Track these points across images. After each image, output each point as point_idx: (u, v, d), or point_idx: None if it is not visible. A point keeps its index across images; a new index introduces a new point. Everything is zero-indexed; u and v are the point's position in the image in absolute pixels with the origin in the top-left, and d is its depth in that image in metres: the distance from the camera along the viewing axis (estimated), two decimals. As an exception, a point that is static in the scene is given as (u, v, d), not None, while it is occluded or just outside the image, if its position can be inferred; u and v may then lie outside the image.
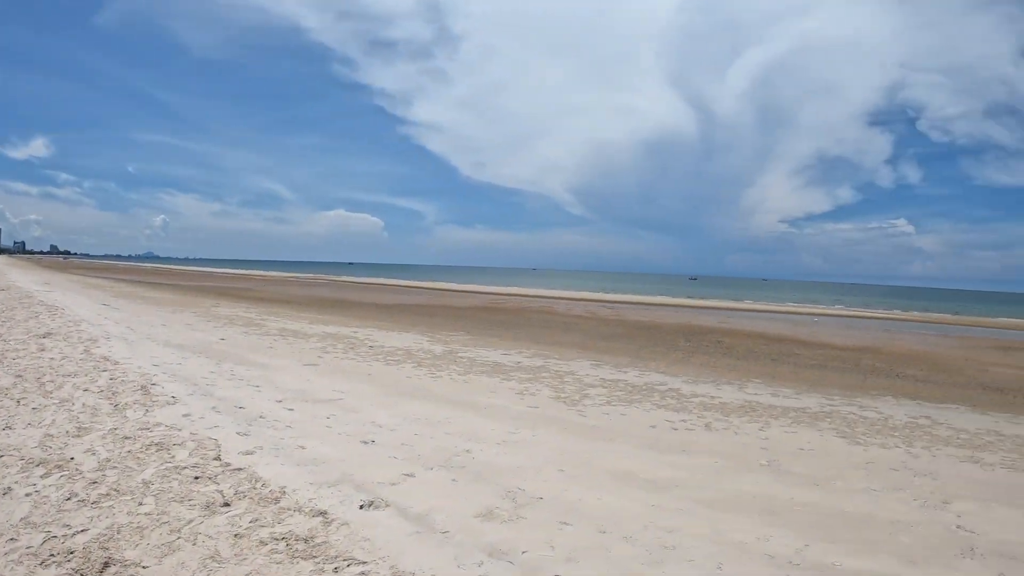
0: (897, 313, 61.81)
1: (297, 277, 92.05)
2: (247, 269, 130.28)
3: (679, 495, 6.65)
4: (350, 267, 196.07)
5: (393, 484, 6.31)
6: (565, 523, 5.59)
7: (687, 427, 10.09)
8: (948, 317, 59.70)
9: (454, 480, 6.59)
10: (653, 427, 9.95)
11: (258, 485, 5.96)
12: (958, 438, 10.73)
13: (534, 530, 5.40)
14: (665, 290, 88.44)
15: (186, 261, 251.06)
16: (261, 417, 8.69)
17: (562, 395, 12.05)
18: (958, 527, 6.32)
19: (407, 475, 6.63)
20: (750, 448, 9.00)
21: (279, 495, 5.74)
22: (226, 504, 5.46)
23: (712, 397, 12.84)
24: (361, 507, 5.61)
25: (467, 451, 7.74)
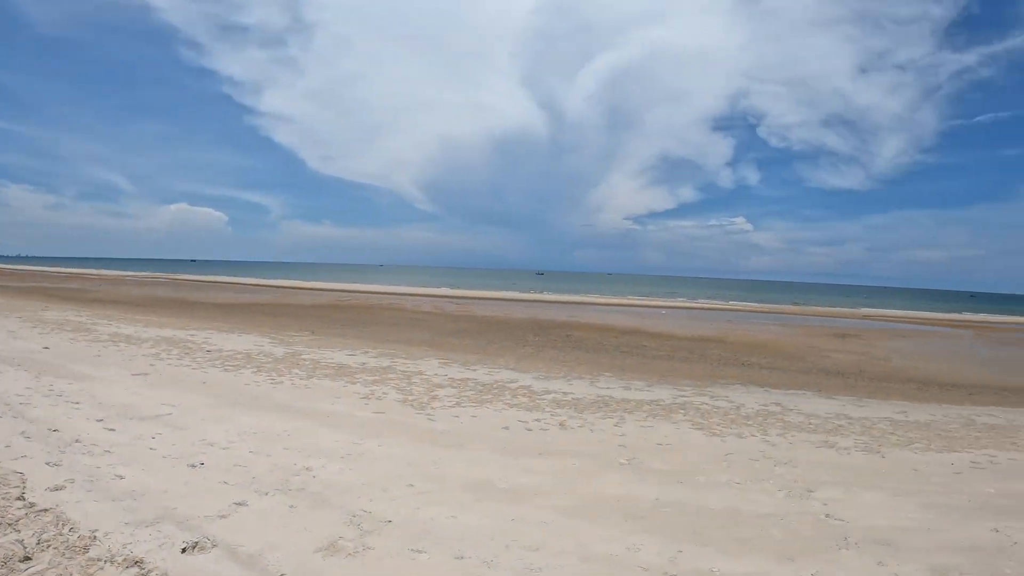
0: (738, 304, 65.85)
1: (136, 276, 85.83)
2: (83, 267, 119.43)
3: (539, 504, 6.21)
4: (192, 264, 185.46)
5: (222, 517, 5.45)
6: (418, 550, 4.98)
7: (541, 427, 9.76)
8: (789, 307, 64.21)
9: (292, 507, 5.81)
10: (506, 428, 9.54)
11: (65, 530, 4.93)
12: (810, 423, 11.07)
13: (383, 562, 4.75)
14: (513, 285, 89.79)
15: (17, 259, 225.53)
16: (77, 441, 7.49)
17: (410, 397, 11.45)
18: (827, 516, 6.28)
19: (239, 504, 5.78)
20: (608, 446, 8.76)
21: (89, 542, 4.75)
22: (26, 558, 4.44)
23: (564, 393, 12.66)
24: (184, 550, 4.73)
25: (307, 469, 6.96)
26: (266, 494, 6.11)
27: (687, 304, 61.47)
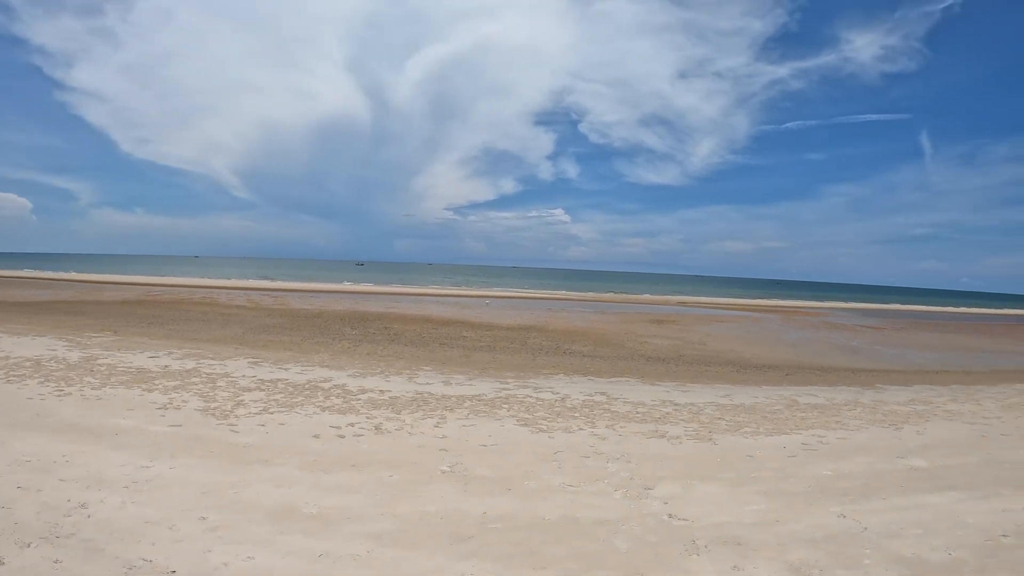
0: (558, 293, 67.49)
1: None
2: None
3: (353, 532, 5.37)
4: None
5: (-34, 585, 4.21)
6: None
7: (355, 432, 8.89)
8: (606, 295, 66.57)
9: (57, 562, 4.61)
10: (317, 437, 8.58)
11: None
12: (638, 412, 10.95)
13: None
14: (332, 276, 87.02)
15: None
16: None
17: (212, 405, 10.17)
18: (670, 516, 5.94)
19: (-14, 564, 4.52)
20: (428, 451, 8.06)
21: None
22: None
23: (381, 391, 11.84)
24: None
25: (83, 507, 5.70)
26: (28, 545, 4.88)
27: (508, 293, 62.07)
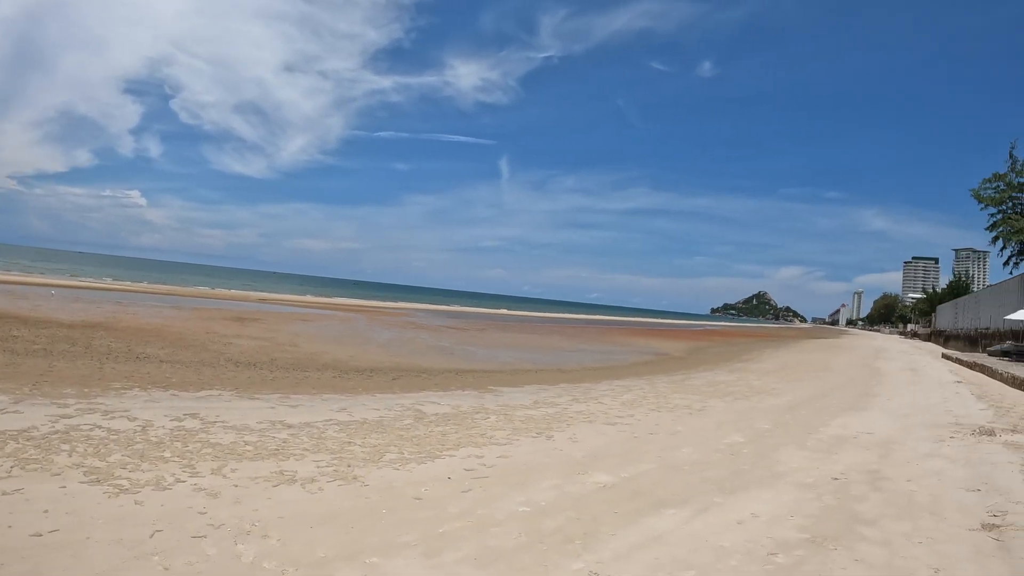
0: (128, 284, 59.90)
1: None
2: None
3: None
4: None
5: None
6: None
7: None
8: (182, 289, 60.57)
9: None
10: None
11: None
12: (246, 443, 8.15)
13: None
14: None
15: None
16: None
17: None
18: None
19: None
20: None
21: None
22: None
23: None
24: None
25: None
26: None
27: (74, 283, 52.34)
